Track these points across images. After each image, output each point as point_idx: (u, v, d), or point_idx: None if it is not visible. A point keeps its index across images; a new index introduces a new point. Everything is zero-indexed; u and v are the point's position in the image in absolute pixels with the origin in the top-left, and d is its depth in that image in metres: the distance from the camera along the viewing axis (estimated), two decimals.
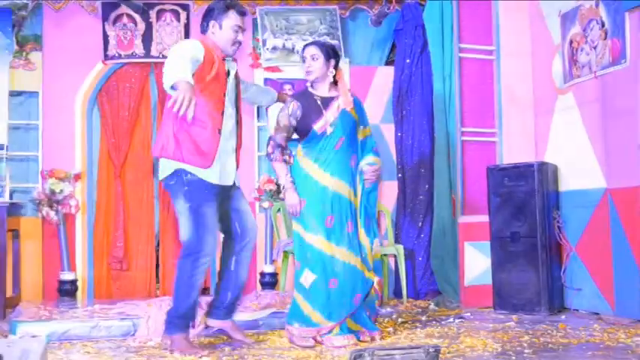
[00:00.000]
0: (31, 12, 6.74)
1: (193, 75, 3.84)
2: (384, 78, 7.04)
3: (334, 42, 7.05)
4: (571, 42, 5.60)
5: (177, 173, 4.03)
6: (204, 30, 4.23)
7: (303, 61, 4.51)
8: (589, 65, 5.39)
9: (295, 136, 4.54)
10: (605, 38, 5.21)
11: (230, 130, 4.19)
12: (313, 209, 4.34)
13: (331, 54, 4.52)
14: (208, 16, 4.20)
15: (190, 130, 3.97)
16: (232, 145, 4.24)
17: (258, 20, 7.06)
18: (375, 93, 7.05)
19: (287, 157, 4.45)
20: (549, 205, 5.58)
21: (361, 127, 4.58)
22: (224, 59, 4.18)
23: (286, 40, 7.03)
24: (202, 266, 4.04)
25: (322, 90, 4.51)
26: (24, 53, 6.69)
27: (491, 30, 6.31)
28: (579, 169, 5.53)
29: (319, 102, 4.45)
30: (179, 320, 4.09)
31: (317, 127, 4.38)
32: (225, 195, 4.23)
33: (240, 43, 4.24)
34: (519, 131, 6.15)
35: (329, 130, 4.39)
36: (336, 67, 4.53)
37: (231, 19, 4.16)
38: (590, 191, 5.38)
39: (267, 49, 7.00)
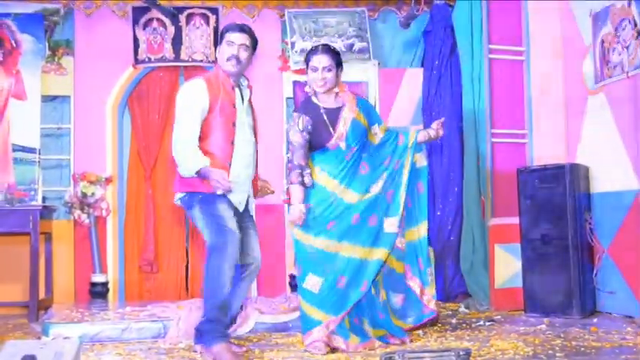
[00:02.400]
0: (62, 17, 6.84)
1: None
2: (414, 80, 7.01)
3: (363, 44, 7.06)
4: (602, 42, 5.54)
5: (188, 193, 4.09)
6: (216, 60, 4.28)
7: (312, 70, 4.32)
8: (621, 65, 5.33)
9: None
10: (638, 38, 5.15)
11: (248, 158, 4.14)
12: (316, 212, 4.25)
13: (340, 60, 4.39)
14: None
15: None
16: (249, 173, 4.19)
17: (287, 23, 7.08)
18: (405, 95, 7.02)
19: (306, 179, 4.27)
20: (581, 206, 5.52)
21: (376, 125, 4.51)
22: (233, 88, 4.14)
23: (315, 42, 7.02)
24: (228, 265, 3.96)
25: (328, 101, 4.38)
26: (56, 58, 6.78)
27: (521, 31, 6.26)
28: (611, 170, 5.47)
29: (325, 116, 4.31)
30: (214, 326, 3.96)
31: (330, 144, 4.30)
32: (240, 225, 4.13)
33: (235, 57, 4.09)
34: (550, 132, 6.09)
35: (342, 145, 4.31)
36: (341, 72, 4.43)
37: (226, 37, 4.14)
38: (622, 193, 5.32)
39: (296, 51, 7.02)
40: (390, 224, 4.42)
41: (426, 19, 7.02)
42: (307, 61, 4.37)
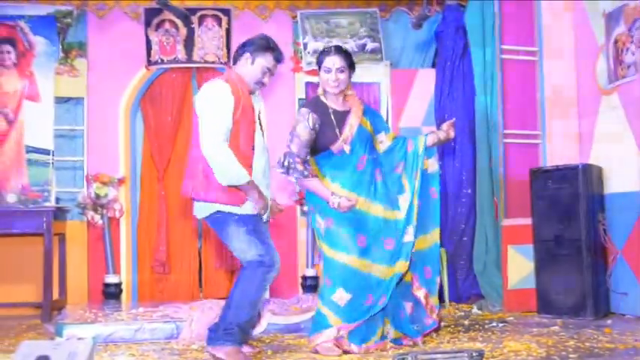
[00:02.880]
0: (75, 19, 6.87)
1: None
2: (426, 81, 7.00)
3: (375, 45, 7.05)
4: (616, 42, 5.51)
5: (220, 212, 3.96)
6: (236, 60, 4.13)
7: (325, 71, 4.25)
8: (635, 65, 5.30)
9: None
10: None
11: (264, 166, 4.07)
12: (342, 228, 4.17)
13: (352, 62, 4.34)
14: (245, 47, 4.08)
15: None
16: (267, 183, 4.10)
17: (299, 24, 7.08)
18: (417, 96, 7.01)
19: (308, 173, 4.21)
20: (594, 207, 5.50)
21: (382, 133, 4.42)
22: (250, 93, 4.07)
23: (327, 43, 7.02)
24: (270, 280, 3.95)
25: (337, 102, 4.31)
26: (69, 60, 6.81)
27: (534, 31, 6.23)
28: (625, 170, 5.44)
29: (333, 117, 4.25)
30: (237, 330, 3.92)
31: (334, 147, 4.22)
32: None
33: (264, 84, 4.08)
34: (563, 133, 6.07)
35: (347, 149, 4.22)
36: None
37: (266, 60, 4.04)
38: (636, 193, 5.29)
39: (308, 52, 7.02)
40: (408, 233, 4.29)
41: (438, 19, 7.01)
42: (319, 62, 4.30)
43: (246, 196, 3.90)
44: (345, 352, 4.13)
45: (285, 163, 4.18)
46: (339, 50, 4.31)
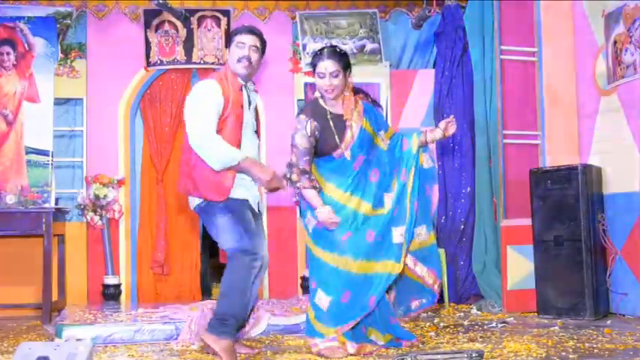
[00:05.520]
0: (75, 20, 6.87)
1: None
2: (425, 81, 7.00)
3: (374, 45, 7.05)
4: (615, 42, 5.52)
5: (205, 200, 4.01)
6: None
7: (320, 77, 4.16)
8: (634, 65, 5.31)
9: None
10: None
11: (254, 157, 4.09)
12: (332, 229, 4.13)
13: (348, 63, 4.23)
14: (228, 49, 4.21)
15: (205, 165, 3.91)
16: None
17: (298, 25, 7.08)
18: (416, 96, 7.01)
19: (315, 184, 4.16)
20: (594, 208, 5.50)
21: (382, 132, 4.34)
22: (241, 89, 4.10)
23: (326, 44, 7.02)
24: (256, 268, 3.94)
25: (335, 105, 4.24)
26: (68, 61, 6.82)
27: (533, 31, 6.24)
28: (624, 171, 5.44)
29: (332, 123, 4.18)
30: (232, 321, 3.92)
31: (335, 154, 4.18)
32: None
33: (246, 58, 4.06)
34: (562, 133, 6.07)
35: (347, 155, 4.18)
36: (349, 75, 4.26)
37: (236, 39, 4.11)
38: (636, 194, 5.29)
39: (307, 53, 7.02)
40: (398, 234, 4.21)
41: (438, 20, 7.01)
42: (313, 66, 4.23)
43: (250, 175, 3.95)
44: (350, 354, 4.09)
45: (287, 175, 4.15)
46: (332, 53, 4.18)
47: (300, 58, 7.08)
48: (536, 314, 5.61)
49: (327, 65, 4.13)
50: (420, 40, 7.24)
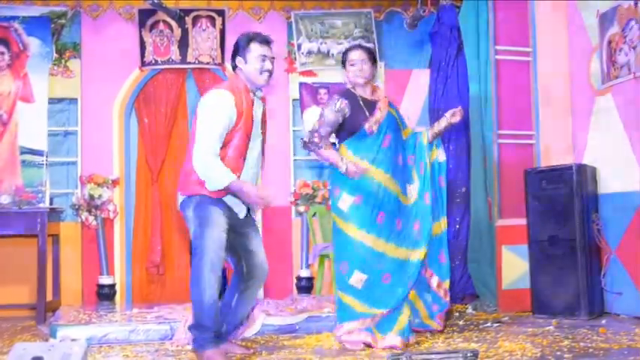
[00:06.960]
0: (69, 20, 6.86)
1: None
2: (420, 81, 7.02)
3: (369, 45, 7.06)
4: (609, 42, 5.53)
5: (188, 196, 4.01)
6: (234, 67, 4.14)
7: (351, 65, 4.56)
8: (628, 66, 5.32)
9: (332, 139, 4.58)
10: None
11: (257, 167, 4.13)
12: (367, 206, 4.39)
13: (375, 57, 4.67)
14: (234, 52, 4.12)
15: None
16: (253, 180, 4.11)
17: (293, 25, 7.09)
18: (411, 96, 7.03)
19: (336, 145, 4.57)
20: (588, 207, 5.51)
21: (403, 128, 4.70)
22: (252, 100, 4.06)
23: (321, 44, 7.05)
24: (208, 270, 3.84)
25: (365, 92, 4.59)
26: (63, 61, 6.81)
27: (528, 31, 6.24)
28: (619, 171, 5.45)
29: (362, 103, 4.51)
30: (201, 332, 3.90)
31: (366, 126, 4.45)
32: (240, 231, 4.12)
33: (269, 71, 4.07)
34: (557, 133, 6.08)
35: (375, 128, 4.47)
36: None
37: (255, 50, 4.05)
38: (630, 194, 5.30)
39: (302, 53, 7.03)
40: (419, 225, 4.59)
41: (432, 20, 7.01)
42: (344, 59, 4.62)
43: (239, 197, 3.94)
44: (367, 344, 4.27)
45: (305, 139, 4.53)
46: (360, 46, 4.68)
47: (295, 58, 7.08)
48: (531, 314, 5.61)
49: (359, 53, 4.58)
50: (414, 40, 7.25)
